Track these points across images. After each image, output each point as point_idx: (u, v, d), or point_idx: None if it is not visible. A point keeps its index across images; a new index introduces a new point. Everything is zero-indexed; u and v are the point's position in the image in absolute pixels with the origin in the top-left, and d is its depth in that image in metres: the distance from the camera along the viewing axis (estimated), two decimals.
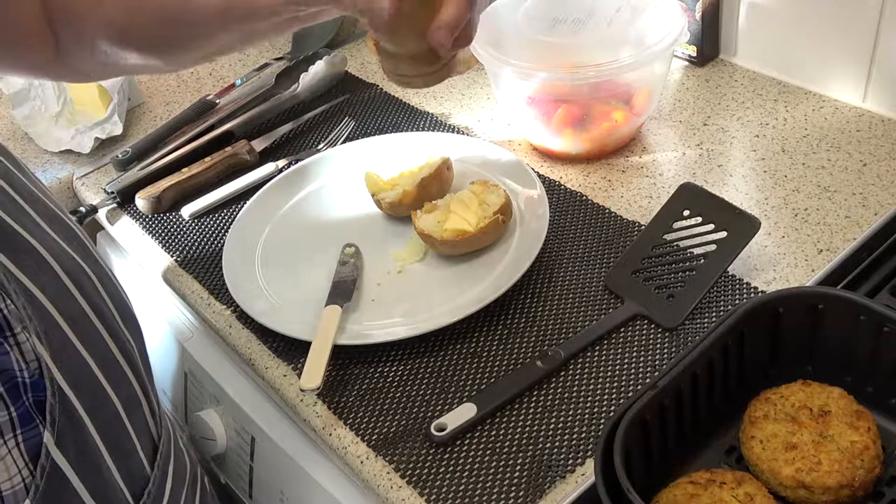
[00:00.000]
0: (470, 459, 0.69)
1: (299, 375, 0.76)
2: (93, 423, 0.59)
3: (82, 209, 1.01)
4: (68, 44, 0.72)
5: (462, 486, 0.67)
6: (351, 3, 0.61)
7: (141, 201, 1.00)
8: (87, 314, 0.61)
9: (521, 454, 0.69)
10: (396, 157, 0.97)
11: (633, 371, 0.74)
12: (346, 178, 0.97)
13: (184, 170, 1.02)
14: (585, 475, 0.67)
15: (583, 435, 0.70)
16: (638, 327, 0.77)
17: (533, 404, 0.72)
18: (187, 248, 0.95)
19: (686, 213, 0.82)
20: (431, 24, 0.60)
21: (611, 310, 0.79)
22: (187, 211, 0.99)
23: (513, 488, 0.67)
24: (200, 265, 0.92)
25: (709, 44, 1.07)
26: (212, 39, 0.71)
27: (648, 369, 0.74)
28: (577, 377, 0.74)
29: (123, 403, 0.63)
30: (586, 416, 0.71)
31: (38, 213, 0.62)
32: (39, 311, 0.56)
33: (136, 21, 0.70)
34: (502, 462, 0.69)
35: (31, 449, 0.55)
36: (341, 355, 0.79)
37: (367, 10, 0.60)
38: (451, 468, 0.69)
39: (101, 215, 1.03)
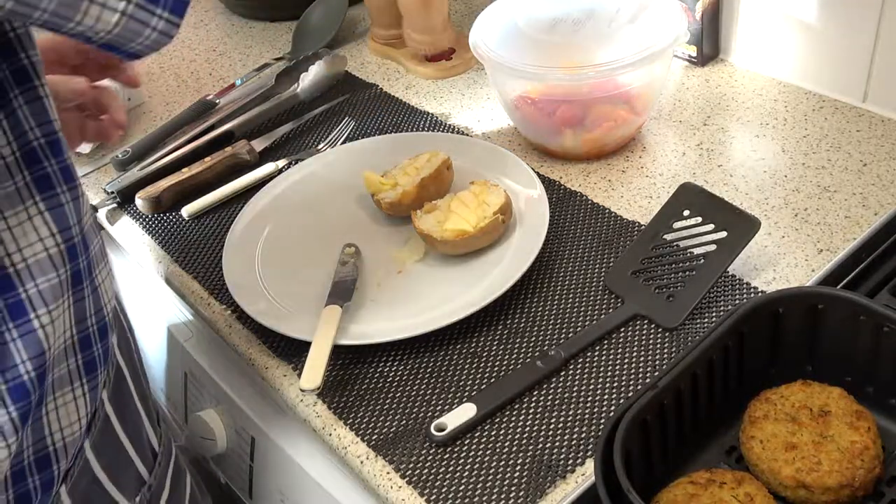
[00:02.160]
0: (470, 459, 0.69)
1: (299, 375, 0.76)
2: (130, 373, 0.70)
3: None
4: None
5: (462, 486, 0.67)
6: None
7: (141, 201, 1.00)
8: None
9: (521, 454, 0.69)
10: (396, 157, 0.97)
11: (633, 371, 0.74)
12: (346, 178, 0.97)
13: (184, 170, 1.02)
14: (585, 475, 0.67)
15: (583, 435, 0.70)
16: (638, 327, 0.77)
17: (533, 404, 0.72)
18: (187, 248, 0.95)
19: (686, 213, 0.82)
20: None
21: (611, 310, 0.79)
22: (187, 211, 0.98)
23: (513, 488, 0.67)
24: (200, 265, 0.92)
25: (709, 44, 1.07)
26: None
27: (648, 369, 0.74)
28: (577, 377, 0.74)
29: (138, 365, 0.73)
30: (586, 416, 0.71)
31: None
32: None
33: None
34: (502, 462, 0.69)
35: (93, 397, 0.63)
36: (341, 355, 0.79)
37: None
38: (451, 468, 0.69)
39: (101, 215, 1.02)
